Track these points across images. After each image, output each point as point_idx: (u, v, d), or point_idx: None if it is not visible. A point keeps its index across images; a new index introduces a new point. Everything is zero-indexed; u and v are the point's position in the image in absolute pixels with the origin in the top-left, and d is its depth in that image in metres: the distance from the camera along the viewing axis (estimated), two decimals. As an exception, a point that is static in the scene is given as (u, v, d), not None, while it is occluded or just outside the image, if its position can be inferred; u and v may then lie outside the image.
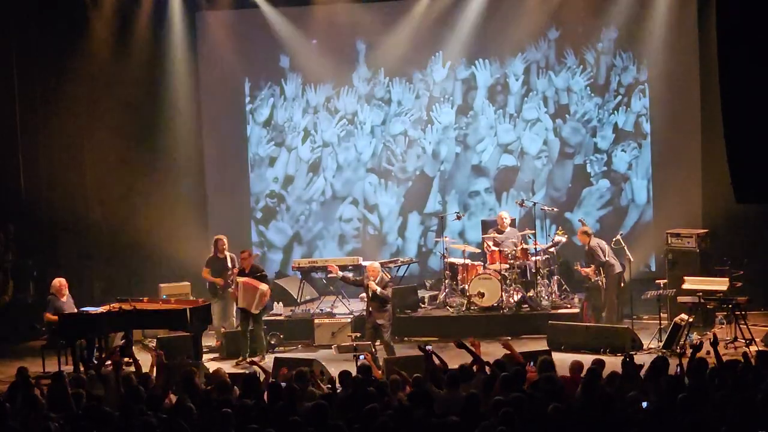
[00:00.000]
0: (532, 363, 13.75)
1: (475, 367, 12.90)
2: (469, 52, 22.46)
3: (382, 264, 18.95)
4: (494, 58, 22.48)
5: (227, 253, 19.31)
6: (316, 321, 19.40)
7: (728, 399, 11.00)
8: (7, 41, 20.81)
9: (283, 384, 12.69)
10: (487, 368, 12.85)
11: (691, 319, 17.22)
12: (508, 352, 13.40)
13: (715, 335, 13.19)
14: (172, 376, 13.38)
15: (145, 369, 13.94)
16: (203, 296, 19.42)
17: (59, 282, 17.85)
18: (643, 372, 12.68)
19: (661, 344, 17.22)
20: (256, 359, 17.29)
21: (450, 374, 12.48)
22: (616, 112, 22.20)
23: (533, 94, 22.45)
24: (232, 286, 18.78)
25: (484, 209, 22.54)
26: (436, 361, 13.11)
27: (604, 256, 18.99)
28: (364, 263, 20.09)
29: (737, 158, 14.13)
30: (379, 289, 17.30)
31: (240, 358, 18.03)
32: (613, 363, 13.59)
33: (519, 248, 19.63)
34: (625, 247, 19.06)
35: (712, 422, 10.60)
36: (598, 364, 12.76)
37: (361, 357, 13.85)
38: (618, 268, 19.10)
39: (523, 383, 12.33)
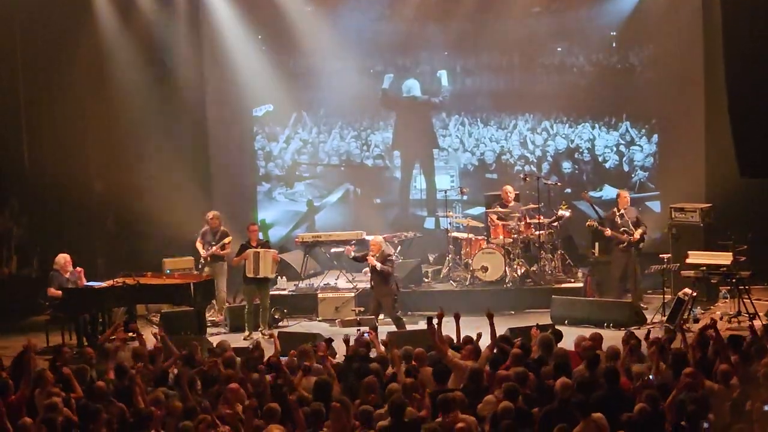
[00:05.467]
0: (536, 325, 13.84)
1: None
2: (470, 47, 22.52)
3: (385, 238, 18.98)
4: (496, 45, 22.37)
5: (220, 228, 19.31)
6: (320, 295, 19.44)
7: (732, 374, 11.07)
8: (10, 17, 20.73)
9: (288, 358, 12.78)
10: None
11: (694, 294, 17.23)
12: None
13: (713, 320, 13.09)
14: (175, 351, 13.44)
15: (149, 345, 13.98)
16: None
17: (64, 258, 17.86)
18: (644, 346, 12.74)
19: (665, 318, 17.24)
20: (263, 335, 17.43)
21: (472, 348, 12.57)
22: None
23: (539, 71, 22.39)
24: (233, 259, 18.80)
25: (487, 183, 22.50)
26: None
27: None
28: (367, 237, 20.11)
29: (741, 133, 14.15)
30: (378, 265, 17.32)
31: (246, 333, 18.03)
32: (615, 337, 13.64)
33: (523, 222, 19.62)
34: (629, 221, 19.03)
35: (715, 397, 10.65)
36: (596, 339, 12.82)
37: (366, 335, 13.87)
38: None
39: (528, 356, 12.41)
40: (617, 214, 18.90)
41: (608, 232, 18.84)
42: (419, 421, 10.21)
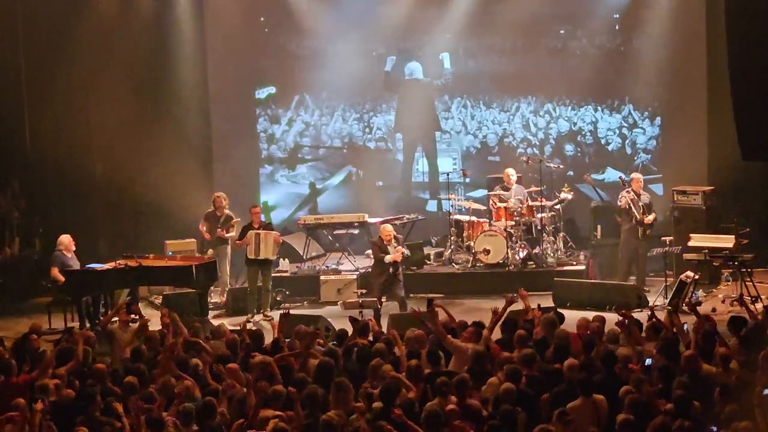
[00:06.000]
0: (538, 306, 13.84)
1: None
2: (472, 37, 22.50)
3: (387, 221, 19.01)
4: (499, 28, 22.32)
5: (225, 211, 19.23)
6: (322, 277, 19.46)
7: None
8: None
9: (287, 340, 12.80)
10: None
11: (696, 277, 17.22)
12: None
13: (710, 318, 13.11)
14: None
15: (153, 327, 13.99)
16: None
17: (68, 238, 17.83)
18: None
19: (667, 301, 17.24)
20: (265, 317, 17.46)
21: (473, 330, 12.56)
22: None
23: (542, 54, 22.34)
24: (238, 240, 18.84)
25: (490, 166, 22.47)
26: (444, 315, 13.14)
27: None
28: (370, 220, 20.15)
29: (744, 116, 14.14)
30: (407, 251, 17.57)
31: (249, 315, 18.03)
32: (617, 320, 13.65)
33: (525, 205, 19.61)
34: (632, 205, 18.99)
35: (713, 380, 10.66)
36: (600, 321, 12.83)
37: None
38: None
39: (530, 338, 12.41)
40: (636, 194, 18.79)
41: (631, 195, 18.68)
42: (410, 404, 10.23)
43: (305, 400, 10.22)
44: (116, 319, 14.34)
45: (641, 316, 13.80)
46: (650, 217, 18.69)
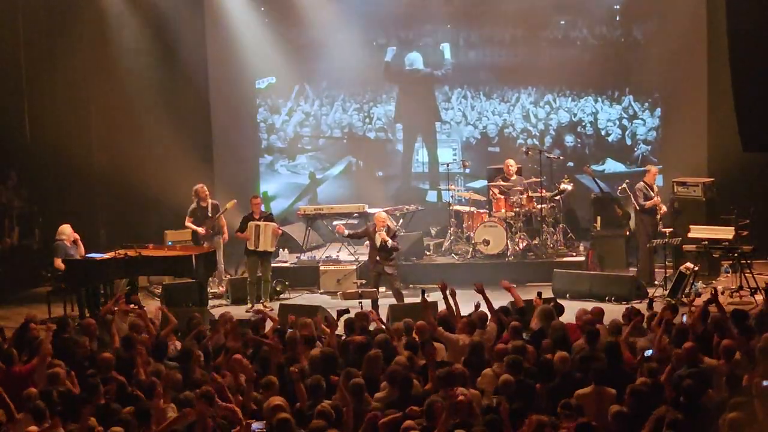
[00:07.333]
0: (538, 294, 13.87)
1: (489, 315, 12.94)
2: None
3: (387, 212, 18.98)
4: (499, 18, 22.31)
5: (210, 201, 19.16)
6: (322, 268, 19.46)
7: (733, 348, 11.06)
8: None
9: (290, 331, 12.78)
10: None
11: (696, 268, 17.21)
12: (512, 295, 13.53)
13: (715, 289, 13.19)
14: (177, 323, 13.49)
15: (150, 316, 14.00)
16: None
17: (69, 228, 17.77)
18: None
19: (667, 293, 17.23)
20: (264, 307, 17.42)
21: (467, 321, 12.56)
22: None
23: (543, 45, 22.32)
24: (224, 235, 18.86)
25: (490, 157, 22.47)
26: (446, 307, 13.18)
27: None
28: (369, 210, 20.12)
29: (744, 107, 14.12)
30: (390, 241, 17.13)
31: (249, 305, 18.04)
32: (617, 311, 13.67)
33: (525, 196, 19.60)
34: (632, 196, 18.99)
35: (714, 371, 10.66)
36: (597, 313, 12.81)
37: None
38: None
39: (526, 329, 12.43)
40: (649, 187, 18.75)
41: (658, 200, 18.73)
42: (425, 395, 10.25)
43: (310, 389, 10.24)
44: (115, 309, 14.31)
45: (641, 307, 13.80)
46: (664, 208, 18.82)
